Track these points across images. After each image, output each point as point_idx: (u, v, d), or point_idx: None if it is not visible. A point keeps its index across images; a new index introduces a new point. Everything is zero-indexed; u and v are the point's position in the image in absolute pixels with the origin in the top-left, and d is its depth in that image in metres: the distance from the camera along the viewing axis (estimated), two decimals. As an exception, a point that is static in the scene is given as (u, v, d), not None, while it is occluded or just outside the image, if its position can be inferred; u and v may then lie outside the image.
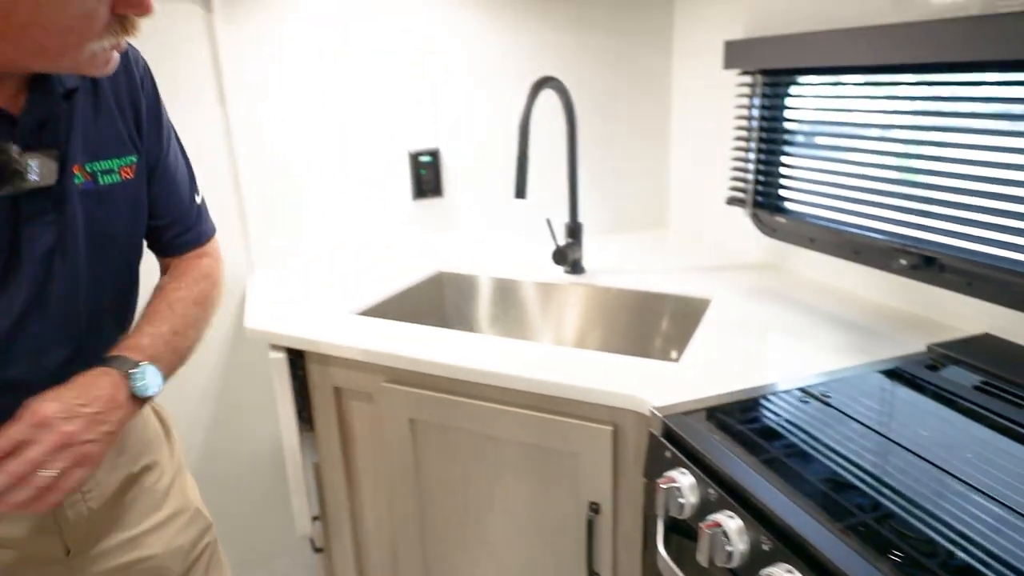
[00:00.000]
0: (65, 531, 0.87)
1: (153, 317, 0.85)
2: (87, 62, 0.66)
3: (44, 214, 0.73)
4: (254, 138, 1.53)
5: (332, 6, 1.50)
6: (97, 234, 0.79)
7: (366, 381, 1.20)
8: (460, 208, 1.72)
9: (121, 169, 0.81)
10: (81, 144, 0.76)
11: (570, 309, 1.54)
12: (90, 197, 0.77)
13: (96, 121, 0.78)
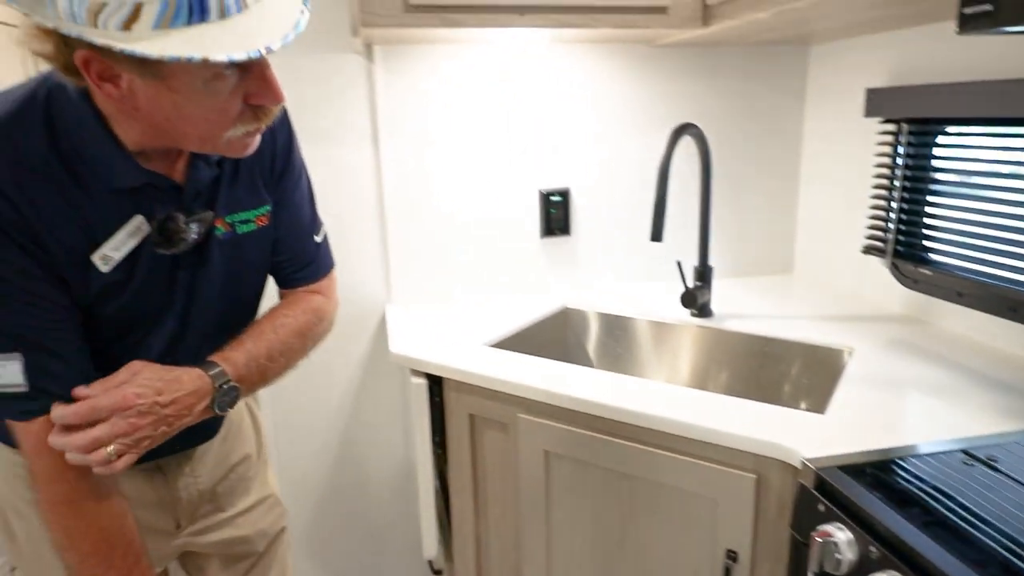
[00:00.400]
0: (178, 509, 1.03)
1: (257, 335, 0.92)
2: (226, 146, 0.76)
3: (194, 263, 0.86)
4: (400, 178, 1.64)
5: (476, 58, 1.60)
6: (232, 273, 0.90)
7: (502, 411, 1.25)
8: (587, 247, 1.77)
9: (257, 218, 0.92)
10: (225, 200, 0.87)
11: (696, 352, 1.54)
12: (228, 245, 0.89)
13: (236, 179, 0.88)
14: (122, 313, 0.83)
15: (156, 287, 0.84)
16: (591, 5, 1.32)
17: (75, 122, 0.73)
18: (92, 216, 0.76)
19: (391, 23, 1.26)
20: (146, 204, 0.79)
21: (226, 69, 0.68)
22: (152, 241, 0.80)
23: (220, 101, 0.71)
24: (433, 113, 1.62)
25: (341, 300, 1.67)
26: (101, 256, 0.77)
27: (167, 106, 0.69)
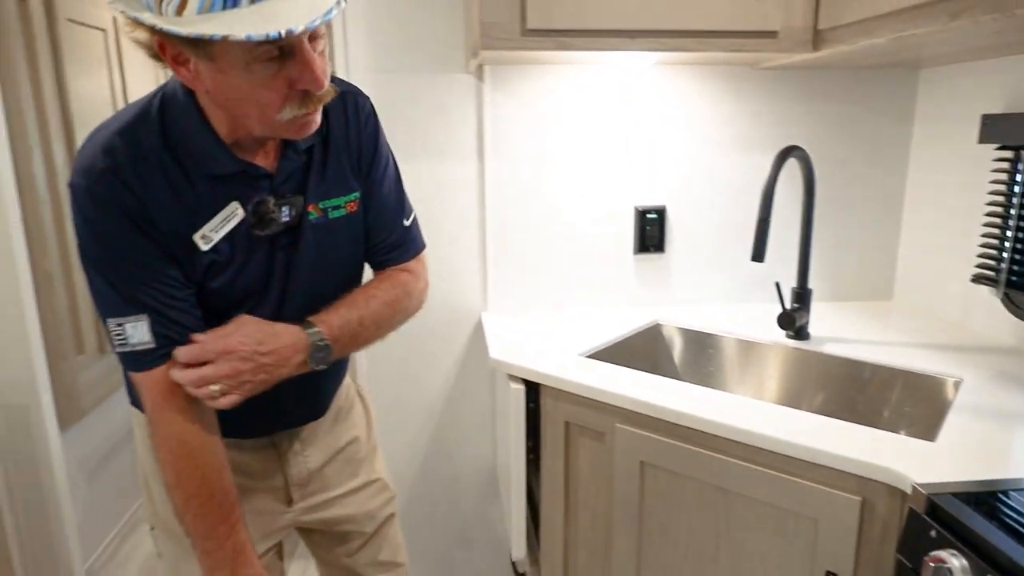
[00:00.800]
0: (291, 486, 1.13)
1: (351, 303, 1.00)
2: (283, 128, 0.84)
3: (289, 244, 0.95)
4: (502, 191, 1.71)
5: (580, 78, 1.66)
6: (325, 255, 0.99)
7: (598, 420, 1.29)
8: (680, 264, 1.79)
9: (346, 204, 0.99)
10: (315, 187, 0.96)
11: (791, 373, 1.53)
12: (321, 229, 0.97)
13: (326, 167, 0.97)
14: (228, 288, 0.93)
15: (256, 266, 0.93)
16: (702, 30, 1.35)
17: (182, 119, 0.85)
18: (194, 202, 0.87)
19: (509, 46, 1.33)
20: (241, 191, 0.90)
21: (263, 52, 0.74)
22: (248, 223, 0.91)
23: (264, 84, 0.77)
24: (537, 130, 1.68)
25: (439, 306, 1.77)
26: (201, 236, 0.88)
27: (223, 87, 0.78)
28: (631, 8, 1.33)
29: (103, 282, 0.86)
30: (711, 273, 1.80)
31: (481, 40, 1.32)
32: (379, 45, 1.63)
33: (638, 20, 1.34)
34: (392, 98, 1.65)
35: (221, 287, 0.92)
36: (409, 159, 1.69)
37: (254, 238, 0.92)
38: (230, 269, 0.91)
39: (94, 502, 2.20)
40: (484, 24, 1.31)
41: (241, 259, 0.92)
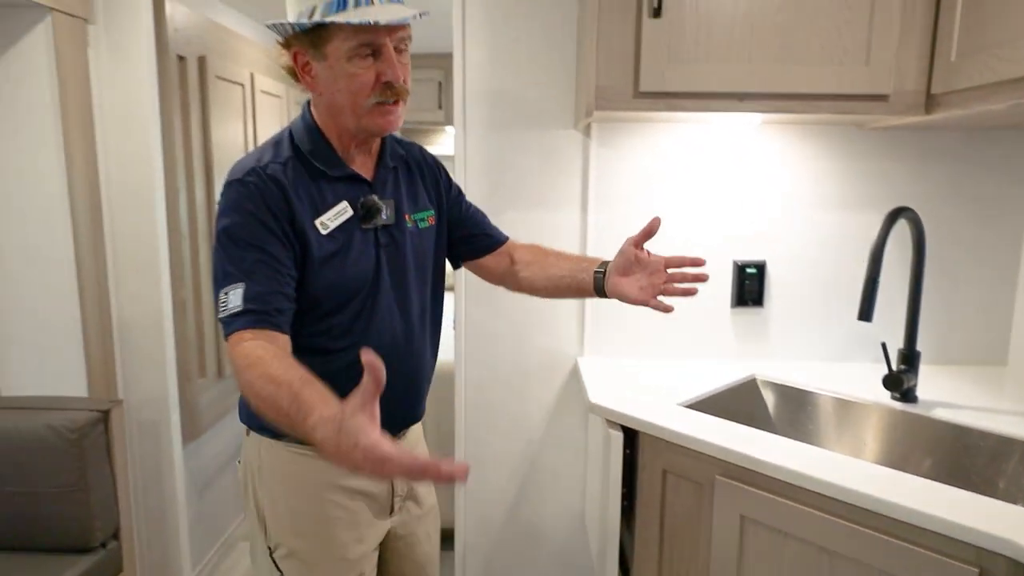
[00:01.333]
0: (395, 496, 1.26)
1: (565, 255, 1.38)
2: (369, 115, 1.06)
3: (390, 243, 1.16)
4: (603, 241, 1.78)
5: (684, 134, 1.72)
6: (418, 258, 1.21)
7: (698, 471, 1.30)
8: (779, 319, 1.79)
9: (428, 218, 1.24)
10: (406, 201, 1.20)
11: (896, 436, 1.50)
12: (415, 235, 1.20)
13: (412, 187, 1.22)
14: (341, 272, 1.09)
15: (364, 258, 1.12)
16: (811, 92, 1.39)
17: (306, 138, 1.12)
18: (316, 197, 1.09)
19: (621, 107, 1.41)
20: (350, 193, 1.12)
21: (360, 50, 1.01)
22: (358, 216, 1.12)
23: (358, 75, 1.03)
24: (639, 183, 1.75)
25: (537, 349, 1.85)
26: (320, 223, 1.08)
27: (330, 80, 1.05)
28: (740, 72, 1.39)
29: (225, 258, 1.03)
30: (810, 330, 1.79)
31: (596, 101, 1.41)
32: (495, 103, 1.75)
33: (747, 83, 1.39)
34: (503, 151, 1.77)
35: (336, 270, 1.09)
36: (516, 208, 1.79)
37: (363, 235, 1.12)
38: (341, 254, 1.09)
39: (201, 516, 2.35)
40: (599, 87, 1.40)
41: (352, 253, 1.11)
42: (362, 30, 1.00)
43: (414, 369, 1.22)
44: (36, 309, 1.75)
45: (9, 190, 1.70)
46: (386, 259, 1.14)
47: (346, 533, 1.18)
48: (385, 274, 1.14)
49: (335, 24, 1.00)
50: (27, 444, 1.66)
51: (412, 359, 1.21)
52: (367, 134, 1.11)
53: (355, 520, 1.19)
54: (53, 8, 1.59)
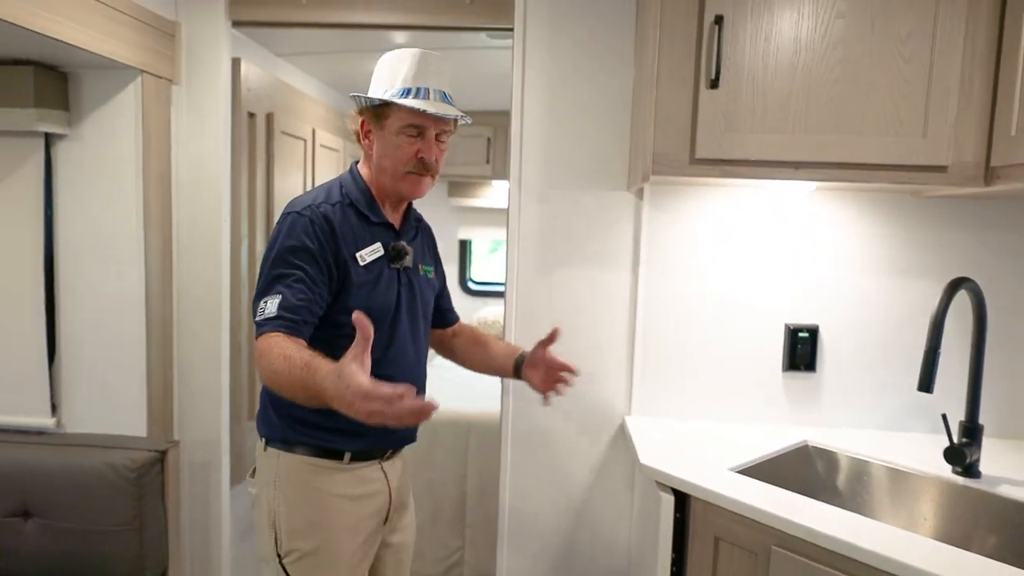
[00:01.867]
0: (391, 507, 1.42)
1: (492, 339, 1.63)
2: (403, 180, 1.33)
3: (408, 283, 1.39)
4: (653, 301, 1.79)
5: (737, 199, 1.75)
6: (424, 301, 1.45)
7: (753, 539, 1.28)
8: (832, 386, 1.76)
9: (431, 272, 1.50)
10: (419, 254, 1.45)
11: (957, 512, 1.45)
12: (424, 282, 1.45)
13: (423, 246, 1.49)
14: (372, 301, 1.29)
15: (388, 290, 1.34)
16: (867, 163, 1.41)
17: (354, 187, 1.36)
18: (358, 235, 1.32)
19: (677, 173, 1.45)
20: (383, 237, 1.35)
21: (409, 128, 1.29)
22: (388, 258, 1.34)
23: (403, 147, 1.30)
24: (691, 245, 1.77)
25: (584, 406, 1.86)
26: (359, 255, 1.30)
27: (382, 146, 1.33)
28: (796, 141, 1.42)
29: (271, 272, 1.23)
30: (865, 397, 1.76)
31: (652, 167, 1.45)
32: (549, 162, 1.81)
33: (802, 152, 1.42)
34: (556, 211, 1.81)
35: (368, 296, 1.29)
36: (567, 266, 1.82)
37: (390, 273, 1.35)
38: (370, 285, 1.30)
39: (242, 560, 2.36)
40: (656, 153, 1.44)
41: (381, 285, 1.32)
42: (414, 114, 1.29)
43: (418, 392, 1.38)
44: (105, 349, 1.83)
45: (89, 235, 1.80)
46: (405, 296, 1.37)
47: (351, 538, 1.34)
48: (404, 307, 1.37)
49: (396, 104, 1.29)
50: (88, 481, 1.71)
51: (418, 383, 1.41)
52: (398, 195, 1.37)
53: (359, 526, 1.35)
54: (144, 71, 1.71)
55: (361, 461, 1.36)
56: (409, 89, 1.29)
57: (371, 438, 1.34)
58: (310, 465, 1.32)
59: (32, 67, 1.65)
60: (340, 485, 1.34)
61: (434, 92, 1.31)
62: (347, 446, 1.33)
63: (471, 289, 4.59)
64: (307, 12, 1.84)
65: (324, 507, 1.32)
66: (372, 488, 1.38)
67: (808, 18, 1.39)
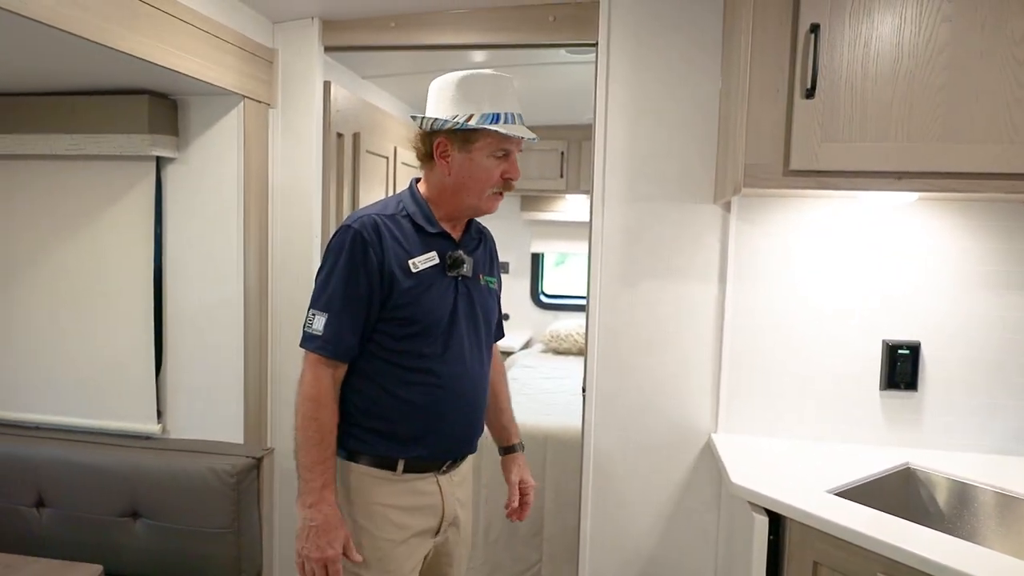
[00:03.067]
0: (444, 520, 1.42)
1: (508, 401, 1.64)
2: (485, 200, 1.37)
3: (466, 293, 1.40)
4: (741, 316, 1.75)
5: (832, 210, 1.69)
6: (485, 310, 1.45)
7: (856, 566, 1.23)
8: (935, 405, 1.68)
9: (493, 283, 1.51)
10: (482, 265, 1.46)
11: (1082, 545, 1.35)
12: (484, 290, 1.46)
13: (486, 257, 1.50)
14: (423, 307, 1.33)
15: (445, 298, 1.36)
16: (976, 172, 1.34)
17: (411, 202, 1.39)
18: (412, 244, 1.35)
19: (770, 185, 1.42)
20: (439, 246, 1.38)
21: (498, 151, 1.33)
22: (444, 266, 1.36)
23: (491, 169, 1.34)
24: (781, 258, 1.72)
25: (668, 423, 1.84)
26: (412, 263, 1.33)
27: (467, 168, 1.34)
28: (898, 150, 1.36)
29: (322, 286, 1.32)
30: (973, 419, 1.66)
31: (744, 179, 1.42)
32: (633, 176, 1.80)
33: (905, 162, 1.36)
34: (641, 223, 1.80)
35: (419, 301, 1.32)
36: (650, 279, 1.80)
37: (444, 282, 1.37)
38: (424, 290, 1.33)
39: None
40: (748, 165, 1.41)
41: (433, 293, 1.34)
42: (504, 139, 1.33)
43: (477, 403, 1.43)
44: (206, 360, 1.93)
45: (193, 254, 1.91)
46: (462, 305, 1.39)
47: (399, 548, 1.35)
48: (461, 316, 1.38)
49: (486, 130, 1.32)
50: (191, 484, 1.80)
51: (476, 393, 1.42)
52: (477, 213, 1.42)
53: (408, 538, 1.37)
54: (246, 96, 1.81)
55: (415, 473, 1.37)
56: (498, 115, 1.32)
57: (426, 446, 1.36)
58: (362, 474, 1.36)
59: (147, 96, 1.77)
60: (392, 496, 1.35)
61: (516, 116, 1.35)
62: (402, 454, 1.35)
63: (543, 302, 4.60)
64: (395, 35, 1.90)
65: (374, 516, 1.34)
66: (425, 501, 1.38)
67: (911, 23, 1.34)
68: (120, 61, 1.46)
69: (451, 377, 1.36)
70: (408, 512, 1.36)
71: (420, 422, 1.35)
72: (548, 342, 4.21)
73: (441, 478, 1.41)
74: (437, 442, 1.37)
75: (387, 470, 1.35)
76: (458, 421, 1.39)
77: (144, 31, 1.43)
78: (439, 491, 1.40)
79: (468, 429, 1.43)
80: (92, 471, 1.86)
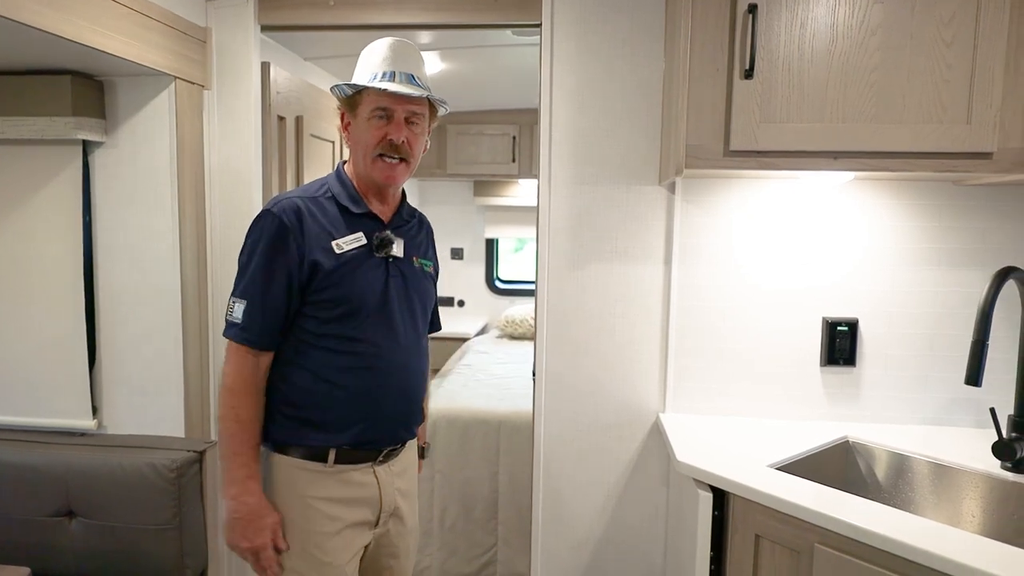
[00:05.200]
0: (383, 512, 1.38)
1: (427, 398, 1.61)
2: (373, 166, 1.33)
3: (398, 275, 1.37)
4: (686, 296, 1.77)
5: (770, 190, 1.72)
6: (420, 293, 1.42)
7: (795, 537, 1.26)
8: (873, 380, 1.73)
9: (429, 266, 1.47)
10: (415, 247, 1.44)
11: (1006, 508, 1.41)
12: (419, 273, 1.43)
13: (417, 239, 1.46)
14: (351, 291, 1.29)
15: (374, 280, 1.33)
16: (909, 151, 1.37)
17: (337, 182, 1.37)
18: (336, 225, 1.32)
19: (711, 166, 1.43)
20: (365, 226, 1.35)
21: (377, 111, 1.30)
22: (372, 246, 1.33)
23: (373, 130, 1.31)
24: (725, 238, 1.74)
25: (616, 404, 1.85)
26: (336, 244, 1.30)
27: (354, 133, 1.34)
28: (834, 131, 1.39)
29: (240, 273, 1.30)
30: (908, 392, 1.72)
31: (686, 160, 1.43)
32: (578, 159, 1.79)
33: (841, 142, 1.39)
34: (587, 205, 1.80)
35: (346, 284, 1.29)
36: (598, 262, 1.81)
37: (373, 263, 1.33)
38: (350, 272, 1.30)
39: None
40: (690, 146, 1.42)
41: (362, 274, 1.31)
42: (381, 96, 1.30)
43: (414, 387, 1.41)
44: (143, 352, 1.86)
45: (126, 241, 1.83)
46: (394, 286, 1.36)
47: (333, 541, 1.31)
48: (393, 298, 1.35)
49: (365, 90, 1.31)
50: (129, 480, 1.74)
51: (411, 376, 1.39)
52: (372, 182, 1.36)
53: (343, 532, 1.32)
54: (177, 77, 1.73)
55: (348, 464, 1.33)
56: (377, 74, 1.31)
57: (359, 433, 1.32)
58: (292, 467, 1.31)
59: (70, 76, 1.68)
60: (323, 488, 1.31)
61: (401, 75, 1.31)
62: (333, 443, 1.30)
63: (498, 288, 4.59)
64: (335, 14, 1.84)
65: (305, 509, 1.30)
66: (360, 492, 1.34)
67: (845, 4, 1.36)
68: (39, 39, 1.38)
69: (384, 359, 1.33)
70: (341, 504, 1.32)
71: (352, 408, 1.31)
72: (503, 327, 4.21)
73: (378, 468, 1.36)
74: (371, 428, 1.33)
75: (318, 461, 1.30)
76: (392, 405, 1.36)
77: (64, 7, 1.35)
78: (376, 482, 1.36)
79: (404, 414, 1.39)
80: (24, 470, 1.78)
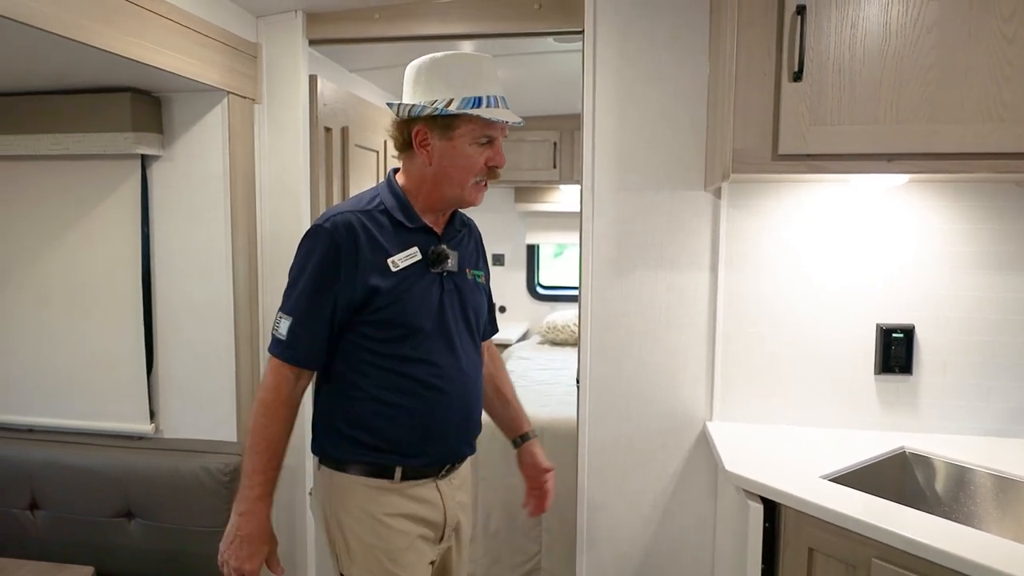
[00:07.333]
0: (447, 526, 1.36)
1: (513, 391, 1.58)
2: (468, 190, 1.29)
3: (453, 289, 1.33)
4: (734, 302, 1.74)
5: (822, 194, 1.68)
6: (474, 305, 1.38)
7: (851, 551, 1.22)
8: (930, 388, 1.67)
9: (481, 277, 1.43)
10: (468, 259, 1.39)
11: (1078, 525, 1.34)
12: (472, 285, 1.38)
13: (473, 250, 1.43)
14: (407, 309, 1.25)
15: (427, 298, 1.28)
16: (967, 152, 1.32)
17: (390, 195, 1.31)
18: (391, 242, 1.27)
19: (759, 170, 1.40)
20: (420, 242, 1.30)
21: (481, 138, 1.25)
22: (427, 262, 1.29)
23: (475, 156, 1.26)
24: (773, 244, 1.71)
25: (662, 412, 1.83)
26: (391, 261, 1.25)
27: (449, 156, 1.26)
28: (888, 132, 1.35)
29: (289, 288, 1.27)
30: (967, 401, 1.66)
31: (732, 164, 1.40)
32: (622, 165, 1.78)
33: (896, 144, 1.35)
34: (631, 212, 1.78)
35: (401, 303, 1.25)
36: (643, 268, 1.79)
37: (428, 279, 1.29)
38: (407, 290, 1.26)
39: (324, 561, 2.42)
40: (736, 150, 1.40)
41: (417, 291, 1.27)
42: (488, 125, 1.25)
43: (473, 404, 1.37)
44: (197, 358, 1.92)
45: (182, 250, 1.90)
46: (449, 303, 1.31)
47: (407, 556, 1.29)
48: (449, 314, 1.31)
49: (467, 115, 1.23)
50: (185, 483, 1.79)
51: (471, 394, 1.36)
52: (461, 204, 1.33)
53: (415, 545, 1.31)
54: (230, 92, 1.79)
55: (413, 480, 1.30)
56: (479, 99, 1.23)
57: (423, 454, 1.30)
58: (361, 485, 1.28)
59: (129, 93, 1.75)
60: (391, 506, 1.28)
61: (499, 99, 1.26)
62: (398, 462, 1.28)
63: (539, 294, 4.58)
64: (380, 27, 1.88)
65: (377, 528, 1.27)
66: (425, 508, 1.32)
67: (898, 2, 1.32)
68: (100, 59, 1.44)
69: (444, 379, 1.28)
70: (408, 519, 1.30)
71: (415, 430, 1.28)
72: (545, 333, 4.21)
73: (440, 483, 1.34)
74: (434, 449, 1.31)
75: (383, 479, 1.28)
76: (455, 425, 1.32)
77: (123, 27, 1.41)
78: (439, 496, 1.33)
79: (465, 432, 1.36)
80: (85, 472, 1.85)
